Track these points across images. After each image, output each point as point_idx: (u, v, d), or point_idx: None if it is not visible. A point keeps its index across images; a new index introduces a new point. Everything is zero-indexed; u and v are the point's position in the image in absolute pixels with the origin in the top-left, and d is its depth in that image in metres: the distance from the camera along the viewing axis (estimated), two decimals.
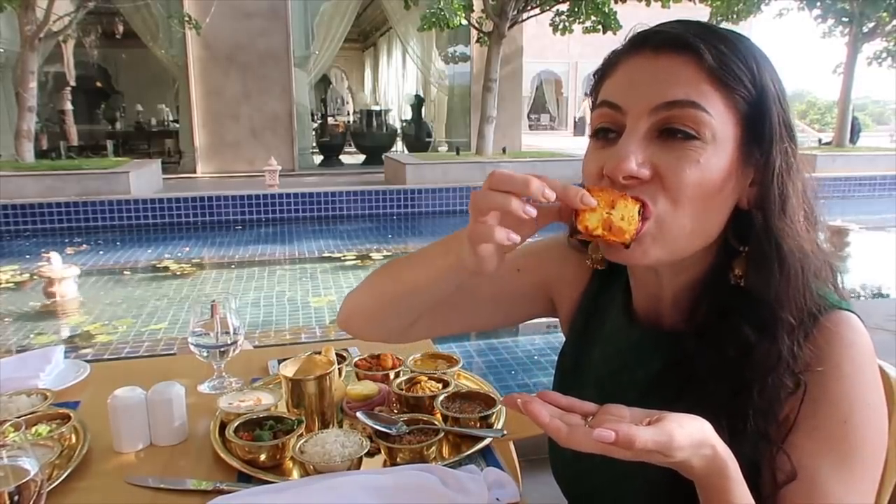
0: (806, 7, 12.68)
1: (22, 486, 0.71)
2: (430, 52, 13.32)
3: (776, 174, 0.65)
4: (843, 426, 0.64)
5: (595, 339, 0.86)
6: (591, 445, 0.53)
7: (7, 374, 1.31)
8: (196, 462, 1.05)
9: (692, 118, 0.63)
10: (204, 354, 1.27)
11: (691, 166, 0.63)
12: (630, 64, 0.68)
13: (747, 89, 0.65)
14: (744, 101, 0.65)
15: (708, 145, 0.64)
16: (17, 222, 7.20)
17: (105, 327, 4.12)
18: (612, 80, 0.69)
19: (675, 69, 0.64)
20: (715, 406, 0.64)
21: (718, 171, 0.64)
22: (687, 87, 0.63)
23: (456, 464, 1.02)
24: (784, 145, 0.66)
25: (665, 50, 0.65)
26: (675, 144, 0.64)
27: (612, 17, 9.76)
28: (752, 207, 0.67)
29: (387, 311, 0.82)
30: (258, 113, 11.41)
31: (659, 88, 0.64)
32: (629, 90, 0.66)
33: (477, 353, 3.62)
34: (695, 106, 0.63)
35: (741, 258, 0.69)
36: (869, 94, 35.18)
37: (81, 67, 13.30)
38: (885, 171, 10.11)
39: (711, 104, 0.63)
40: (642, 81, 0.66)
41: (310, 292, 4.92)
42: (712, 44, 0.64)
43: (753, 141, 0.66)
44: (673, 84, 0.64)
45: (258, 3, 11.10)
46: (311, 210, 8.11)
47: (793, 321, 0.65)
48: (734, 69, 0.64)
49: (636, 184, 0.64)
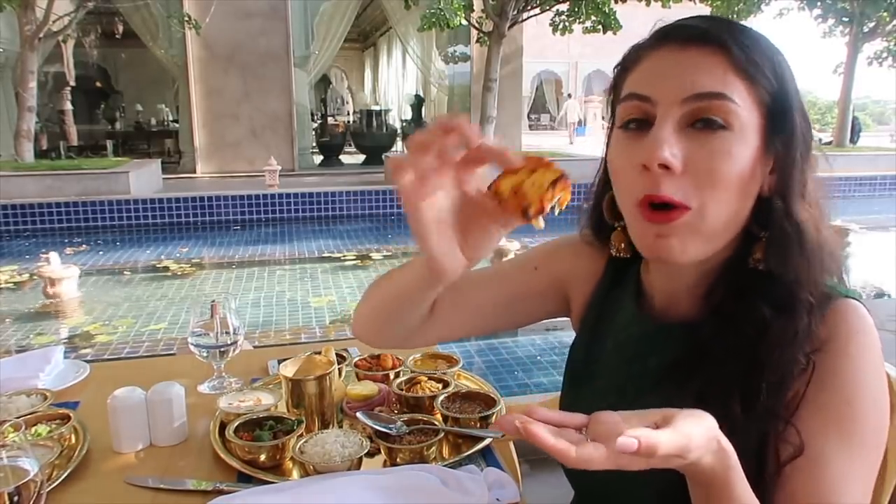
0: (806, 7, 12.69)
1: (22, 486, 0.71)
2: (430, 52, 13.31)
3: (797, 161, 0.69)
4: (848, 407, 0.66)
5: (607, 331, 0.86)
6: (604, 460, 0.50)
7: (7, 374, 1.31)
8: (196, 462, 1.05)
9: (723, 109, 0.65)
10: (204, 354, 1.27)
11: (724, 158, 0.65)
12: (656, 56, 0.69)
13: (769, 81, 0.67)
14: (766, 91, 0.67)
15: (736, 135, 0.66)
16: (17, 222, 7.20)
17: (105, 327, 4.12)
18: (638, 72, 0.71)
19: (704, 61, 0.66)
20: (728, 384, 0.67)
21: (747, 161, 0.66)
22: (716, 79, 0.65)
23: (456, 464, 1.02)
24: (803, 134, 0.69)
25: (693, 43, 0.67)
26: (706, 136, 0.66)
27: (612, 17, 9.77)
28: (773, 194, 0.70)
29: (382, 319, 0.84)
30: (258, 113, 11.41)
31: (689, 79, 0.66)
32: (659, 81, 0.68)
33: (477, 353, 3.62)
34: (724, 97, 0.65)
35: (761, 243, 0.71)
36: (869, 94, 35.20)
37: (81, 67, 13.31)
38: (885, 171, 10.11)
39: (739, 95, 0.66)
40: (671, 73, 0.67)
41: (310, 292, 4.92)
42: (737, 37, 0.67)
43: (774, 130, 0.68)
44: (703, 76, 0.66)
45: (258, 3, 11.10)
46: (311, 210, 8.11)
47: (812, 300, 0.68)
48: (758, 61, 0.67)
49: (670, 178, 0.65)
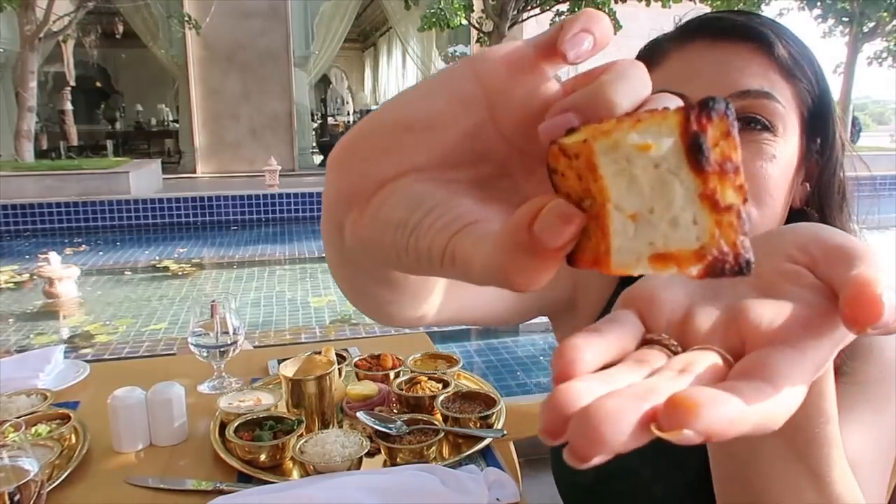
0: (806, 7, 12.69)
1: (22, 486, 0.71)
2: (430, 52, 13.31)
3: (836, 170, 0.64)
4: (883, 383, 0.60)
5: None
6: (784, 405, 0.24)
7: (7, 374, 1.31)
8: (196, 462, 1.05)
9: (768, 109, 0.60)
10: (204, 354, 1.27)
11: (769, 161, 0.60)
12: (687, 52, 0.63)
13: (811, 83, 0.62)
14: (808, 94, 0.62)
15: (779, 138, 0.61)
16: (17, 222, 7.19)
17: (105, 327, 4.12)
18: (665, 69, 0.65)
19: (746, 58, 0.61)
20: None
21: (790, 166, 0.62)
22: (760, 77, 0.60)
23: (456, 464, 1.02)
24: (842, 141, 0.64)
25: (730, 38, 0.62)
26: (750, 137, 0.60)
27: (612, 17, 9.77)
28: (807, 206, 0.65)
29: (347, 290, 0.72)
30: (258, 113, 11.41)
31: (730, 76, 0.60)
32: (692, 78, 0.62)
33: (477, 353, 3.62)
34: (769, 97, 0.60)
35: None
36: (869, 94, 35.23)
37: (81, 67, 13.32)
38: (885, 171, 10.11)
39: (782, 95, 0.61)
40: (707, 70, 0.62)
41: (310, 292, 4.91)
42: (779, 35, 0.61)
43: (811, 137, 0.63)
44: (746, 73, 0.60)
45: (258, 3, 11.10)
46: (311, 210, 8.10)
47: None
48: (801, 62, 0.62)
49: None
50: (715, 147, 0.18)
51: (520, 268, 0.22)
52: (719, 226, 0.19)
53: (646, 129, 0.19)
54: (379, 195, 0.27)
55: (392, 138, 0.27)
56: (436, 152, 0.26)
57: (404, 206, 0.26)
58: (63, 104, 12.11)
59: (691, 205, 0.19)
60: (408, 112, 0.27)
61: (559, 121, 0.23)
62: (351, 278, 0.41)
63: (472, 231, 0.24)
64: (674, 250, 0.19)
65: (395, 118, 0.27)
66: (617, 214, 0.20)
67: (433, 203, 0.26)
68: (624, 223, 0.20)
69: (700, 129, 0.18)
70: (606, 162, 0.20)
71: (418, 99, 0.27)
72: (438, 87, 0.27)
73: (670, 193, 0.19)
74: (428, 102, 0.26)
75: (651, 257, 0.20)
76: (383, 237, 0.27)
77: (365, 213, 0.28)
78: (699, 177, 0.18)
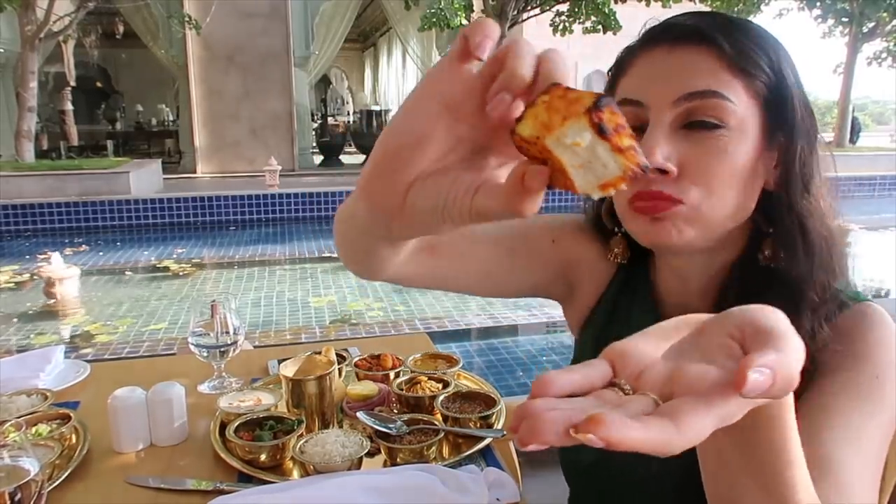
0: (806, 7, 12.70)
1: (22, 486, 0.71)
2: (430, 52, 13.32)
3: (799, 154, 0.66)
4: (876, 381, 0.63)
5: (621, 334, 0.84)
6: (710, 423, 0.33)
7: (7, 374, 1.31)
8: (196, 462, 1.05)
9: (716, 108, 0.63)
10: (204, 354, 1.27)
11: (719, 157, 0.64)
12: (646, 59, 0.68)
13: (766, 74, 0.65)
14: (764, 86, 0.65)
15: (733, 133, 0.64)
16: (18, 222, 7.20)
17: (105, 327, 4.12)
18: (629, 77, 0.69)
19: (694, 60, 0.64)
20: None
21: (746, 158, 0.65)
22: (708, 78, 0.63)
23: (456, 464, 1.02)
24: (805, 126, 0.67)
25: (682, 43, 0.65)
26: (701, 136, 0.64)
27: (612, 17, 9.78)
28: (778, 188, 0.68)
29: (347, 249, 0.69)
30: (258, 113, 11.41)
31: (679, 80, 0.64)
32: (649, 85, 0.66)
33: (477, 353, 3.62)
34: (717, 95, 0.63)
35: (769, 239, 0.69)
36: (869, 94, 35.25)
37: (81, 67, 13.33)
38: (885, 171, 10.12)
39: (733, 92, 0.64)
40: (661, 75, 0.65)
41: (310, 292, 4.92)
42: (728, 33, 0.64)
43: (776, 124, 0.66)
44: (693, 75, 0.64)
45: (258, 3, 11.11)
46: (311, 210, 8.11)
47: (816, 298, 0.66)
48: (752, 56, 0.64)
49: (665, 180, 0.64)
50: (609, 122, 0.31)
51: (520, 201, 0.34)
52: (627, 158, 0.31)
53: (573, 125, 0.31)
54: (407, 201, 0.39)
55: (398, 161, 0.38)
56: (430, 156, 0.37)
57: (429, 198, 0.38)
58: (63, 104, 12.11)
59: (609, 154, 0.31)
60: (401, 138, 0.38)
61: (497, 101, 0.33)
62: (359, 241, 0.55)
63: (482, 190, 0.36)
64: (611, 179, 0.32)
65: (394, 144, 0.38)
66: (570, 168, 0.32)
67: (446, 187, 0.37)
68: (576, 171, 0.32)
69: (598, 118, 0.31)
70: (555, 146, 0.32)
71: (403, 123, 0.37)
72: (413, 111, 0.37)
73: (596, 152, 0.31)
74: (411, 124, 0.37)
75: (599, 186, 0.33)
76: (425, 222, 0.40)
77: (403, 215, 0.40)
78: (607, 140, 0.31)
